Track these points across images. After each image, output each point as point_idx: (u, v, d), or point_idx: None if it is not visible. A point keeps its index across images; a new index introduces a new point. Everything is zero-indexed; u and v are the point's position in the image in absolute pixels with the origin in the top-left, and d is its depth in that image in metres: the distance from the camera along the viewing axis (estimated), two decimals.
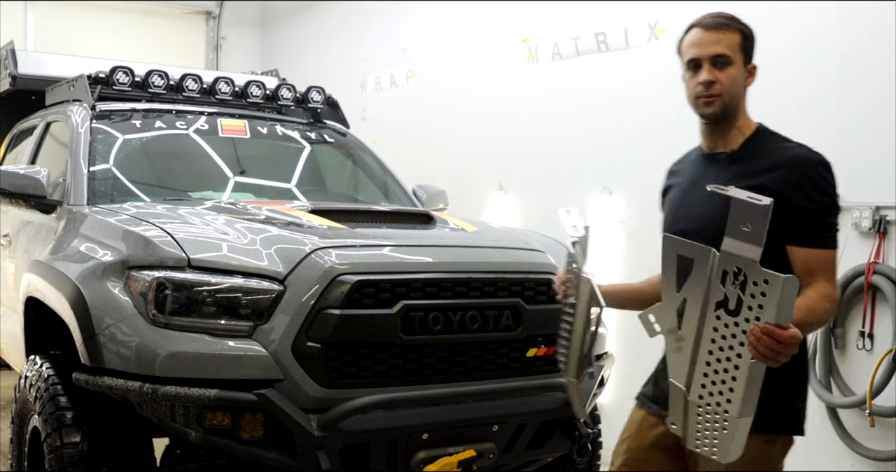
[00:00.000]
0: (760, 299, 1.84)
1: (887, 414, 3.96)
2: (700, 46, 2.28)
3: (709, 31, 2.28)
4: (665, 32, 5.07)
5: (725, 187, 1.95)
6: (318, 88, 5.06)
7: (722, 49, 2.26)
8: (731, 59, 2.26)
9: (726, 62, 2.26)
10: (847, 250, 4.18)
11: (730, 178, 2.22)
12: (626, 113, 5.22)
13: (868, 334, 4.11)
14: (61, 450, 3.05)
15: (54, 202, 3.95)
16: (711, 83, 2.25)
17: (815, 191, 2.20)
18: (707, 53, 2.26)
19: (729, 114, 2.30)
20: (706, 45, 2.27)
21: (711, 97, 2.26)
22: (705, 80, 2.25)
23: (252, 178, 4.48)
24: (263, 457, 2.91)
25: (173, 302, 2.94)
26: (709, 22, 2.29)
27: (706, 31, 2.28)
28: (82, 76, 4.56)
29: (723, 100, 2.27)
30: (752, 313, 1.86)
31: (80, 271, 3.23)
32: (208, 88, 4.81)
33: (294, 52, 8.95)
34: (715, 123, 2.33)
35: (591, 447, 3.73)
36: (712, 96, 2.26)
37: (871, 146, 4.12)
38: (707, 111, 2.29)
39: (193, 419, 2.89)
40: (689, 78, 2.31)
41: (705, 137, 2.40)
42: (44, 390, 3.21)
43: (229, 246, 3.09)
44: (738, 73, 2.28)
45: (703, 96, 2.27)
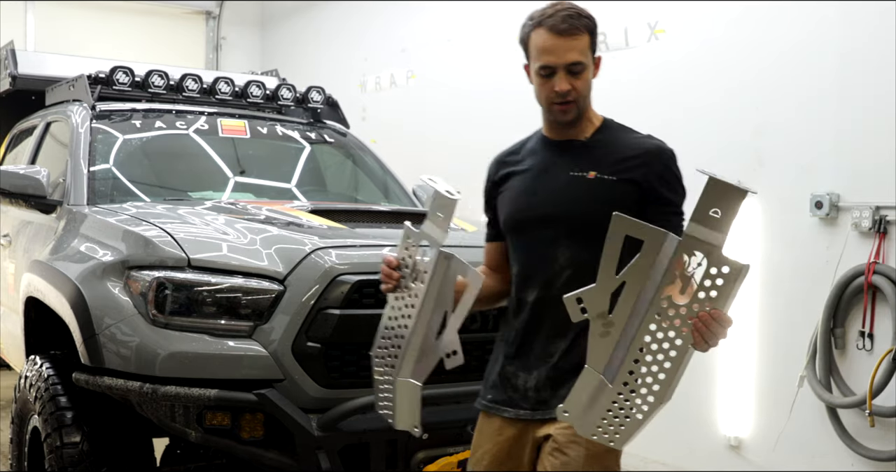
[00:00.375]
0: (716, 286, 1.82)
1: (887, 414, 3.96)
2: (555, 54, 2.17)
3: (563, 38, 2.16)
4: (665, 32, 5.07)
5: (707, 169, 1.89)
6: (318, 88, 5.06)
7: (576, 56, 2.17)
8: (584, 66, 2.18)
9: (580, 70, 2.18)
10: (847, 250, 4.18)
11: (591, 163, 2.21)
12: (626, 113, 5.21)
13: (868, 334, 4.11)
14: (61, 450, 3.05)
15: (54, 202, 3.95)
16: (568, 92, 2.18)
17: (676, 182, 2.24)
18: (563, 62, 2.16)
19: (582, 114, 2.25)
20: (561, 54, 2.16)
21: (567, 104, 2.20)
22: (562, 89, 2.17)
23: (252, 178, 4.48)
24: (263, 457, 2.91)
25: (173, 302, 2.94)
26: (562, 27, 2.16)
27: (560, 38, 2.16)
28: (82, 76, 4.56)
29: (577, 105, 2.21)
30: (703, 300, 1.82)
31: (80, 271, 3.23)
32: (208, 88, 4.81)
33: (294, 52, 8.95)
34: (570, 126, 2.27)
35: None
36: (568, 103, 2.20)
37: (871, 146, 4.13)
38: (564, 119, 2.23)
39: (193, 419, 2.89)
40: (541, 83, 2.22)
41: (553, 127, 2.31)
42: (44, 390, 3.21)
43: (229, 246, 3.09)
44: (590, 76, 2.23)
45: (557, 103, 2.20)
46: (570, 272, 2.20)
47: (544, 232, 2.23)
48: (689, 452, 4.88)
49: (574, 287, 2.02)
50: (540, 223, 2.24)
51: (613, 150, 2.24)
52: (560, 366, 2.22)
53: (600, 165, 2.21)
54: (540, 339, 2.25)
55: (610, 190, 2.19)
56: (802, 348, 4.32)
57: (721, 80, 4.79)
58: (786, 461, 4.46)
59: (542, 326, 2.25)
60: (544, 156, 2.31)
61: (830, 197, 4.22)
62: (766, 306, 4.57)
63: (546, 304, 2.23)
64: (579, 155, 2.26)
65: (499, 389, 2.33)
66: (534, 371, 2.25)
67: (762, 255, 4.58)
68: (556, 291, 2.16)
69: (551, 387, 2.23)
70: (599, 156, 2.23)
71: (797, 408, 4.39)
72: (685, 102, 4.96)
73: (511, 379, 2.30)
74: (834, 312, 4.19)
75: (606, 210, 2.04)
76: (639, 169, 2.20)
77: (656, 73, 5.11)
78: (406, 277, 2.19)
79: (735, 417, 4.69)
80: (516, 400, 2.28)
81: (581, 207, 2.19)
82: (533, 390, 2.26)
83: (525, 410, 2.27)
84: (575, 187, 2.21)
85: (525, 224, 2.28)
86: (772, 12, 4.54)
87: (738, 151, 4.69)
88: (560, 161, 2.27)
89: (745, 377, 4.65)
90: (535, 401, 2.26)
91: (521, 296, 2.29)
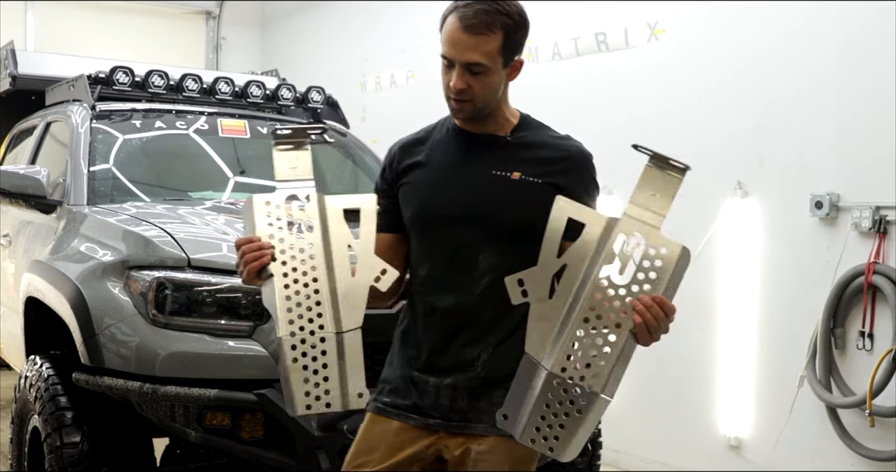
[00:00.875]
0: (655, 267, 1.81)
1: (887, 414, 3.96)
2: (455, 49, 2.00)
3: (468, 34, 1.98)
4: (665, 32, 5.07)
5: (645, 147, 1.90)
6: (318, 88, 5.06)
7: (477, 57, 1.98)
8: (486, 68, 2.00)
9: (480, 71, 2.00)
10: (847, 250, 4.18)
11: (514, 163, 2.08)
12: (627, 113, 5.23)
13: (868, 334, 4.11)
14: (61, 450, 3.05)
15: (54, 202, 3.95)
16: (462, 90, 2.02)
17: (594, 188, 2.15)
18: (461, 59, 2.00)
19: (483, 114, 2.10)
20: (461, 50, 1.99)
21: (462, 102, 2.05)
22: (455, 87, 2.02)
23: (252, 178, 4.49)
24: (263, 457, 2.91)
25: (173, 302, 2.94)
26: (470, 23, 1.98)
27: (465, 33, 1.98)
28: (82, 76, 4.56)
29: (474, 105, 2.05)
30: (642, 283, 1.81)
31: (80, 271, 3.24)
32: (208, 88, 4.82)
33: (294, 52, 8.95)
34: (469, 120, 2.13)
35: (591, 447, 3.73)
36: (463, 101, 2.04)
37: (871, 146, 4.13)
38: (457, 115, 2.10)
39: (193, 419, 2.89)
40: (442, 71, 2.06)
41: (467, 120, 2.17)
42: (44, 390, 3.21)
43: (229, 246, 3.09)
44: (496, 79, 2.04)
45: (453, 98, 2.06)
46: (490, 279, 2.05)
47: (463, 234, 2.08)
48: (688, 452, 4.88)
49: (493, 294, 2.00)
50: (457, 223, 2.08)
51: (536, 150, 2.12)
52: (481, 376, 2.08)
53: (524, 166, 2.08)
54: (455, 346, 2.09)
55: (534, 192, 2.06)
56: (802, 348, 4.32)
57: (721, 80, 4.79)
58: (786, 461, 4.46)
59: (458, 333, 2.08)
60: (460, 149, 2.14)
61: (830, 197, 4.22)
62: (766, 306, 4.57)
63: (463, 310, 2.08)
64: (501, 153, 2.11)
65: (402, 394, 2.14)
66: (448, 379, 2.09)
67: (762, 255, 4.58)
68: (474, 297, 2.06)
69: (469, 397, 2.08)
70: (522, 156, 2.10)
71: (797, 408, 4.39)
72: (685, 103, 4.96)
73: (420, 385, 2.12)
74: (834, 312, 4.19)
75: (530, 214, 2.02)
76: (564, 174, 2.09)
77: (656, 73, 5.11)
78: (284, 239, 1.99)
79: (735, 417, 4.69)
80: (424, 408, 2.11)
81: (506, 209, 2.06)
82: (447, 398, 2.09)
83: (436, 419, 2.10)
84: (499, 188, 2.07)
85: (439, 223, 2.11)
86: (771, 13, 4.54)
87: (738, 151, 4.69)
88: (480, 157, 2.11)
89: (745, 377, 4.65)
90: (449, 410, 2.09)
91: (432, 300, 2.10)
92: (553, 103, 5.74)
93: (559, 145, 2.13)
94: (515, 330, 2.05)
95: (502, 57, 2.02)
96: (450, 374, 2.09)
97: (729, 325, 4.71)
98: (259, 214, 2.02)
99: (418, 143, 2.21)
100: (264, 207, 2.02)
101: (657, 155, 1.87)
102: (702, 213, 4.81)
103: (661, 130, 5.04)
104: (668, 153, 1.86)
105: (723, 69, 4.78)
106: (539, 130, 2.16)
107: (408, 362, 2.14)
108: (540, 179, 2.08)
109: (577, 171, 2.11)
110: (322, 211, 2.05)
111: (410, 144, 2.23)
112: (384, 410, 2.16)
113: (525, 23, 2.07)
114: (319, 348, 1.95)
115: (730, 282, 4.71)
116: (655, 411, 5.06)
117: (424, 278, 2.13)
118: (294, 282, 1.99)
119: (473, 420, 2.08)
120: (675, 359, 4.96)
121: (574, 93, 5.58)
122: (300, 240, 2.01)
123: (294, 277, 1.99)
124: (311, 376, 1.93)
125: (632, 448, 5.13)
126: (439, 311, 2.10)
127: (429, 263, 2.13)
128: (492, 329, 2.07)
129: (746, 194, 4.64)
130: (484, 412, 2.06)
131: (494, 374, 2.07)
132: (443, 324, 2.10)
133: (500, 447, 2.07)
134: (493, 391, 2.06)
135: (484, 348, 2.07)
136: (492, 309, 2.06)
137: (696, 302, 4.82)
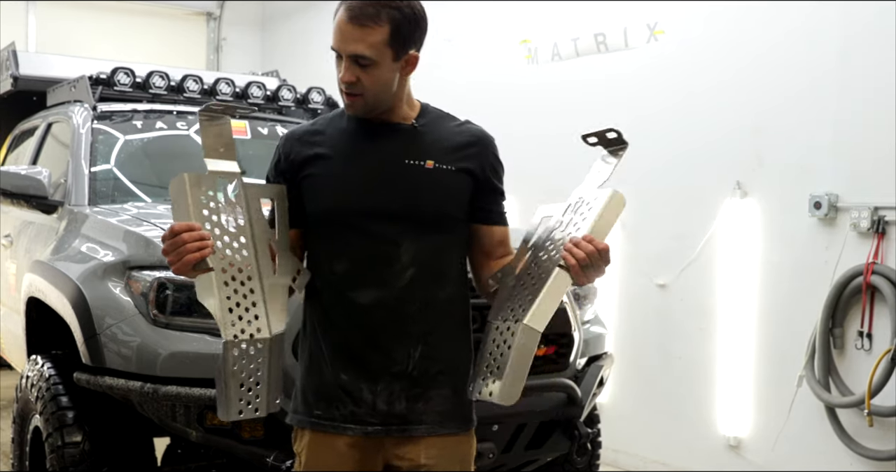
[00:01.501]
0: (585, 213, 1.87)
1: (886, 414, 3.97)
2: (341, 40, 1.95)
3: (352, 25, 1.93)
4: (664, 33, 5.08)
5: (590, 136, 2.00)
6: (319, 88, 5.08)
7: (362, 50, 1.93)
8: (372, 61, 1.94)
9: (367, 64, 1.95)
10: (846, 251, 4.19)
11: (424, 151, 2.05)
12: (626, 113, 5.23)
13: (866, 334, 4.12)
14: (62, 450, 3.06)
15: (55, 203, 3.96)
16: (351, 83, 1.97)
17: (501, 169, 2.16)
18: (347, 51, 1.95)
19: (378, 108, 2.04)
20: (346, 42, 1.94)
21: (354, 96, 1.99)
22: (344, 80, 1.97)
23: (253, 178, 4.46)
24: (264, 457, 2.92)
25: (174, 302, 2.95)
26: (354, 14, 1.93)
27: (349, 25, 1.93)
28: (83, 77, 4.58)
29: (365, 99, 1.99)
30: (573, 228, 1.87)
31: (82, 272, 3.24)
32: (209, 89, 4.83)
33: (294, 52, 8.95)
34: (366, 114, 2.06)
35: (591, 447, 3.73)
36: (354, 95, 1.99)
37: (870, 147, 4.14)
38: (349, 110, 2.04)
39: (194, 419, 2.90)
40: (336, 65, 2.00)
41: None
42: (45, 390, 3.22)
43: None
44: (385, 72, 1.97)
45: (344, 92, 2.01)
46: (414, 271, 2.01)
47: (382, 227, 2.00)
48: (688, 452, 4.89)
49: (417, 287, 2.01)
50: (375, 217, 2.01)
51: (443, 137, 2.08)
52: (414, 376, 2.02)
53: (435, 154, 2.05)
54: (380, 345, 2.01)
55: (450, 179, 2.04)
56: (801, 348, 4.33)
57: (720, 80, 4.80)
58: (785, 460, 4.47)
59: (381, 330, 2.01)
60: (366, 138, 2.06)
61: (829, 197, 4.23)
62: (765, 306, 4.58)
63: (386, 306, 2.00)
64: (408, 141, 2.06)
65: (335, 403, 2.02)
66: (380, 382, 2.01)
67: (761, 255, 4.59)
68: (397, 291, 2.00)
69: (406, 399, 2.02)
70: (431, 143, 2.06)
71: (796, 408, 4.40)
72: (684, 103, 4.97)
73: (352, 392, 2.01)
74: (833, 312, 4.20)
75: (448, 201, 2.06)
76: (473, 158, 2.08)
77: (655, 73, 5.12)
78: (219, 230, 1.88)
79: (734, 417, 4.70)
80: (361, 416, 2.01)
81: (424, 199, 2.02)
82: (384, 402, 2.01)
83: (375, 426, 2.02)
84: (415, 177, 2.02)
85: (355, 217, 2.02)
86: (771, 13, 4.55)
87: (737, 151, 4.70)
88: (388, 147, 2.05)
89: (744, 377, 4.66)
90: (387, 415, 2.02)
91: (351, 297, 2.01)
92: (553, 103, 5.76)
93: (464, 131, 2.12)
94: (440, 323, 2.05)
95: (391, 50, 1.96)
96: (380, 376, 2.01)
97: (728, 325, 4.72)
98: (193, 196, 1.86)
99: (315, 133, 2.11)
100: (198, 190, 1.87)
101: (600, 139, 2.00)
102: (701, 213, 4.82)
103: (661, 130, 5.05)
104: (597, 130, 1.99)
105: (722, 69, 4.79)
106: (441, 118, 2.14)
107: (331, 366, 2.03)
108: (452, 166, 2.05)
109: (486, 155, 2.11)
110: (247, 200, 1.96)
111: (306, 134, 2.12)
112: (320, 424, 2.04)
113: (417, 17, 2.00)
114: (257, 353, 1.89)
115: (729, 282, 4.72)
116: (655, 410, 5.07)
117: (342, 275, 2.02)
118: (232, 279, 1.87)
119: (414, 422, 2.03)
120: (674, 359, 4.97)
121: (574, 93, 5.59)
122: (234, 232, 1.90)
123: (231, 273, 1.87)
124: (247, 380, 1.89)
125: (631, 448, 5.13)
126: (360, 308, 2.00)
127: (346, 258, 2.02)
128: (417, 323, 2.03)
129: (746, 194, 4.65)
130: (423, 412, 2.04)
131: (427, 371, 2.03)
132: (366, 322, 2.01)
133: (446, 447, 2.07)
134: (428, 392, 2.04)
135: (412, 344, 2.02)
136: (417, 302, 2.02)
137: (696, 302, 4.83)
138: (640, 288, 5.13)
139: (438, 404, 2.05)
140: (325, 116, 2.17)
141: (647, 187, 5.04)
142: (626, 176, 5.17)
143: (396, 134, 2.07)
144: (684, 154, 4.97)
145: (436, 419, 2.05)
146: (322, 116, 2.19)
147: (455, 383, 2.06)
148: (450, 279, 2.08)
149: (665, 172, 5.02)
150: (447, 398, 2.06)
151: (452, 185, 2.05)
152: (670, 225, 5.00)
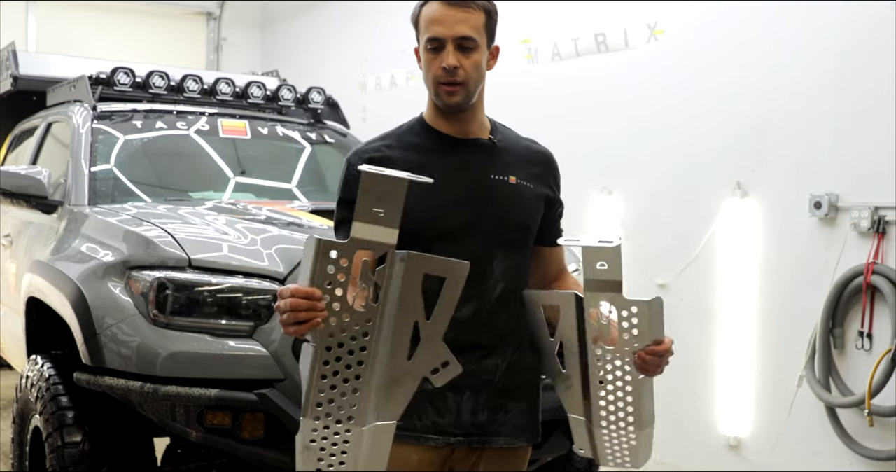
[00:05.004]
0: (633, 324, 1.87)
1: (886, 414, 3.97)
2: (444, 25, 1.96)
3: (454, 8, 1.96)
4: (664, 33, 5.08)
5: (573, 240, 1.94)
6: (319, 88, 5.07)
7: (468, 31, 1.96)
8: (476, 43, 1.98)
9: (472, 47, 1.97)
10: (846, 251, 4.19)
11: (506, 167, 2.08)
12: (626, 113, 5.24)
13: (867, 334, 4.12)
14: (62, 450, 3.06)
15: (55, 203, 3.96)
16: (455, 69, 1.96)
17: (560, 191, 2.21)
18: (452, 34, 1.96)
19: (469, 103, 2.04)
20: (451, 24, 1.96)
21: (455, 85, 1.98)
22: (450, 65, 1.96)
23: (253, 178, 4.50)
24: (264, 457, 2.92)
25: (174, 302, 2.95)
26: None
27: (450, 8, 1.96)
28: (83, 77, 4.58)
29: (467, 88, 2.00)
30: (628, 341, 1.89)
31: (82, 271, 3.24)
32: (209, 89, 4.83)
33: (294, 52, 8.96)
34: (457, 111, 2.05)
35: None
36: (456, 85, 1.98)
37: (870, 147, 4.14)
38: (451, 101, 2.00)
39: (194, 419, 2.89)
40: (428, 59, 2.00)
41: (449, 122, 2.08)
42: (45, 390, 3.22)
43: (230, 246, 3.10)
44: (483, 59, 2.01)
45: (444, 83, 1.98)
46: (504, 285, 2.04)
47: (475, 241, 2.00)
48: (688, 452, 4.89)
49: (507, 300, 2.04)
50: (471, 231, 2.01)
51: (520, 154, 2.14)
52: (500, 388, 2.04)
53: (515, 170, 2.09)
54: (471, 357, 1.98)
55: (530, 195, 2.09)
56: (801, 348, 4.33)
57: (720, 80, 4.80)
58: (785, 460, 4.47)
59: (474, 343, 2.01)
60: (448, 154, 2.06)
61: (829, 197, 4.23)
62: (766, 306, 4.58)
63: (479, 320, 2.01)
64: (491, 157, 2.08)
65: (417, 414, 1.97)
66: (466, 392, 2.00)
67: (761, 255, 4.59)
68: (490, 305, 2.03)
69: (489, 410, 2.03)
70: (510, 160, 2.10)
71: (796, 408, 4.40)
72: (684, 103, 4.97)
73: (436, 401, 1.99)
74: (833, 312, 4.20)
75: (532, 217, 2.09)
76: (545, 176, 2.15)
77: (655, 73, 5.12)
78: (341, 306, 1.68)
79: (734, 417, 4.70)
80: (444, 426, 2.00)
81: (512, 213, 2.06)
82: (468, 413, 2.01)
83: (458, 437, 2.01)
84: (502, 192, 2.05)
85: (450, 232, 2.00)
86: (771, 13, 4.55)
87: (737, 151, 4.70)
88: (472, 163, 2.06)
89: (744, 377, 4.66)
90: (470, 425, 2.02)
91: None
92: (553, 104, 5.76)
93: (534, 149, 2.20)
94: (522, 336, 2.08)
95: (486, 36, 2.02)
96: (468, 387, 1.99)
97: (728, 325, 4.72)
98: (320, 264, 1.65)
99: (389, 148, 2.07)
100: (326, 259, 1.65)
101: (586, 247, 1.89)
102: (701, 213, 4.82)
103: (661, 131, 5.05)
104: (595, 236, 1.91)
105: (722, 69, 4.79)
106: (510, 133, 2.20)
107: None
108: (531, 184, 2.11)
109: (556, 176, 2.19)
110: (406, 273, 1.70)
111: (382, 149, 2.06)
112: (398, 436, 1.90)
113: (497, 11, 2.07)
114: (341, 441, 1.74)
115: (729, 282, 4.72)
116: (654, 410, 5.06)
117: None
118: (336, 360, 1.70)
119: (493, 434, 2.06)
120: (674, 359, 4.97)
121: (574, 93, 5.59)
122: (361, 313, 1.70)
123: (337, 353, 1.70)
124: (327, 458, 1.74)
125: None
126: (456, 321, 1.87)
127: None
128: (506, 336, 2.07)
129: (746, 194, 4.65)
130: (502, 423, 2.07)
131: (511, 383, 2.07)
132: (462, 335, 1.94)
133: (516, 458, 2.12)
134: (509, 403, 2.07)
135: (501, 357, 2.05)
136: (504, 316, 2.06)
137: (696, 302, 4.83)
138: (640, 288, 5.12)
139: (516, 416, 2.08)
140: (393, 131, 2.13)
141: (648, 187, 5.04)
142: (626, 176, 5.19)
143: (477, 149, 2.09)
144: (684, 154, 4.97)
145: (513, 432, 2.08)
146: (389, 132, 2.14)
147: (531, 397, 2.12)
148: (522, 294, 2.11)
149: (665, 172, 5.02)
150: (524, 411, 2.10)
151: (533, 201, 2.10)
152: (670, 225, 5.00)
